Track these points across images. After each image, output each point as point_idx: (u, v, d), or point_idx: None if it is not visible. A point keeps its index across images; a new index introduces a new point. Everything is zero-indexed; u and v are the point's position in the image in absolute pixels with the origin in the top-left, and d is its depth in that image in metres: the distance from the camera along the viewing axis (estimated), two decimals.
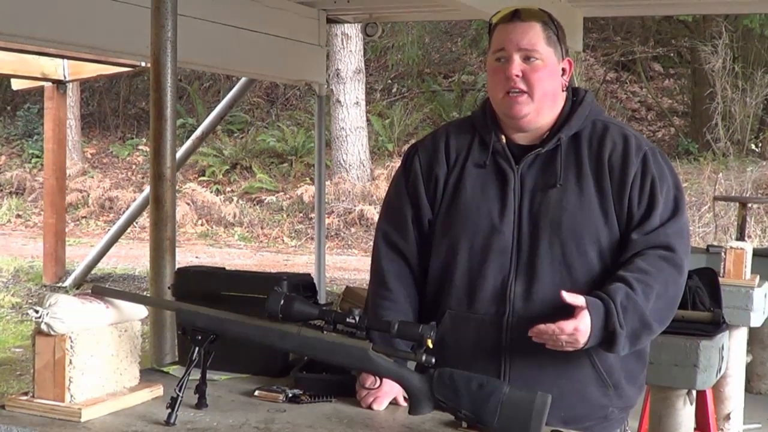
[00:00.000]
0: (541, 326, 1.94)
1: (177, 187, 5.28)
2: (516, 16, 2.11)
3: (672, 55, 16.13)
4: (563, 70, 2.15)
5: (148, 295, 3.93)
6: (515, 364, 2.06)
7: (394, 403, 2.07)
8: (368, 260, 2.34)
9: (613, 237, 2.07)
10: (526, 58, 2.08)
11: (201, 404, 2.01)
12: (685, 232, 2.10)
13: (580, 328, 1.94)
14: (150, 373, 2.31)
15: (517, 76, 2.07)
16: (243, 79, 8.03)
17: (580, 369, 2.06)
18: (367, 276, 2.16)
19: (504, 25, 2.12)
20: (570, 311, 1.96)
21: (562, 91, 2.16)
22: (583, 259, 2.05)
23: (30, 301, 8.89)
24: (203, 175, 15.01)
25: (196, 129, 9.05)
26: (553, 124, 2.14)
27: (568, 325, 1.93)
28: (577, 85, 2.33)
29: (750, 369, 5.09)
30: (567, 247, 2.05)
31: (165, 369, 2.37)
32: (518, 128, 2.15)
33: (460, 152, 2.18)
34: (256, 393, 2.12)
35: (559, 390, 2.02)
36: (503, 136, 2.15)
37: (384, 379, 1.97)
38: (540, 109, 2.11)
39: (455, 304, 2.12)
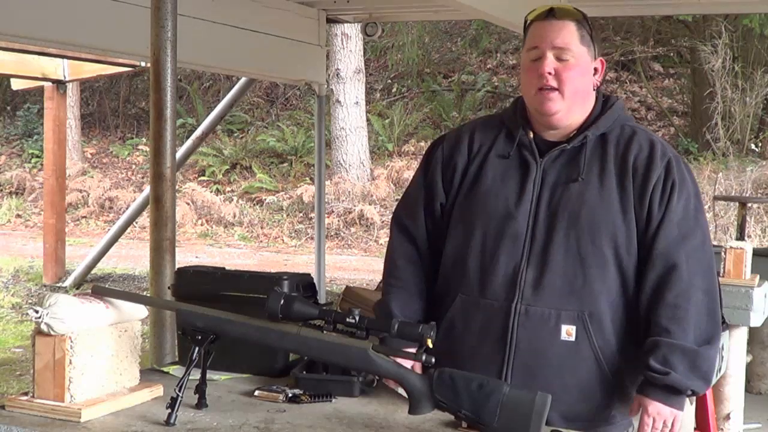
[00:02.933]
0: None
1: (177, 187, 5.28)
2: (551, 14, 2.13)
3: (672, 55, 16.12)
4: (595, 69, 2.19)
5: (148, 295, 3.93)
6: (520, 352, 2.07)
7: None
8: (368, 260, 2.36)
9: (630, 235, 2.08)
10: (559, 57, 2.10)
11: (201, 404, 2.01)
12: (705, 244, 2.13)
13: (652, 413, 2.06)
14: (150, 373, 2.31)
15: (550, 73, 2.10)
16: (243, 79, 8.02)
17: (585, 366, 2.06)
18: (366, 276, 2.18)
19: (539, 23, 2.14)
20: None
21: (593, 90, 2.20)
22: (598, 253, 2.07)
23: (30, 301, 8.89)
24: (203, 175, 15.01)
25: (196, 129, 9.04)
26: (582, 123, 2.17)
27: (646, 424, 2.06)
28: None
29: (750, 369, 5.08)
30: (582, 239, 2.07)
31: (165, 369, 2.37)
32: (548, 125, 2.17)
33: (484, 143, 2.21)
34: (256, 393, 2.13)
35: (562, 383, 2.04)
36: (531, 132, 2.18)
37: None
38: (571, 106, 2.13)
39: (467, 289, 2.14)
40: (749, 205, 9.40)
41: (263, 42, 6.26)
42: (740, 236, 6.55)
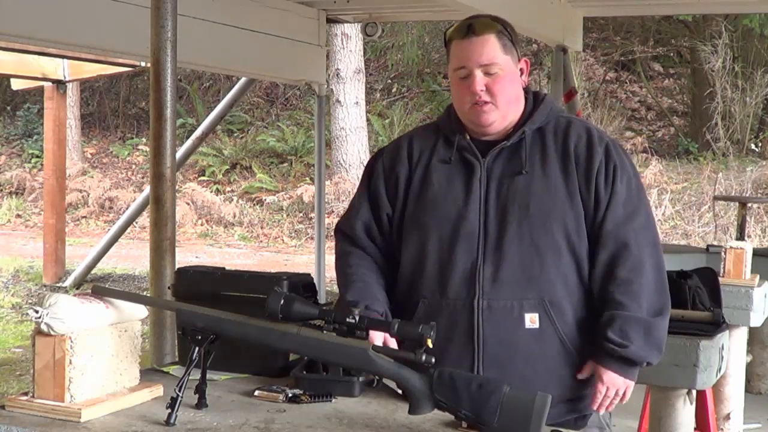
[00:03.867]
0: (596, 405, 2.15)
1: (177, 187, 5.28)
2: (471, 31, 2.18)
3: (672, 54, 16.13)
4: (521, 70, 2.25)
5: (148, 295, 3.93)
6: (488, 345, 2.12)
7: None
8: None
9: (579, 220, 2.16)
10: (487, 72, 2.17)
11: (201, 404, 2.01)
12: (649, 222, 2.22)
13: (606, 382, 2.13)
14: (150, 373, 2.31)
15: (482, 90, 2.17)
16: (243, 79, 8.02)
17: (553, 350, 2.13)
18: None
19: (459, 42, 2.20)
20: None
21: (523, 89, 2.27)
22: (550, 240, 2.14)
23: (30, 301, 8.88)
24: (203, 175, 15.01)
25: (196, 129, 9.05)
26: (516, 122, 2.24)
27: (599, 392, 2.13)
28: (574, 85, 2.41)
29: (750, 369, 5.08)
30: (535, 229, 2.13)
31: (165, 369, 2.37)
32: (484, 133, 2.24)
33: (423, 151, 2.27)
34: (256, 393, 2.13)
35: (533, 370, 2.11)
36: (467, 135, 2.24)
37: None
38: (505, 114, 2.21)
39: (428, 293, 2.19)
40: (749, 205, 9.40)
41: (263, 42, 6.26)
42: (740, 236, 6.56)
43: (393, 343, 2.07)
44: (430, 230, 2.19)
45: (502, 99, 2.18)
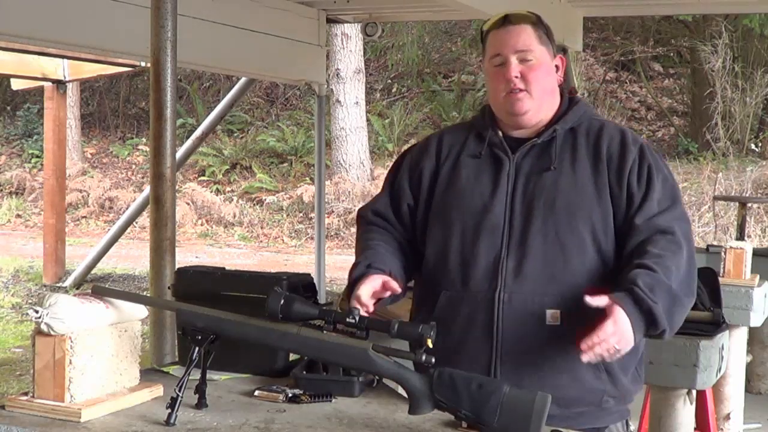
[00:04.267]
0: (588, 341, 1.93)
1: (177, 187, 5.28)
2: (507, 20, 2.21)
3: (672, 54, 16.13)
4: (556, 67, 2.26)
5: (148, 295, 3.93)
6: (507, 339, 2.09)
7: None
8: None
9: (606, 219, 2.12)
10: (523, 60, 2.17)
11: (201, 404, 2.01)
12: (684, 218, 2.15)
13: (617, 323, 1.94)
14: (150, 373, 2.31)
15: (516, 77, 2.17)
16: (243, 79, 8.02)
17: (572, 348, 2.04)
18: None
19: (496, 31, 2.22)
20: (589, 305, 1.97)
21: (558, 87, 2.26)
22: (576, 238, 2.11)
23: (30, 301, 8.89)
24: (203, 175, 15.01)
25: (196, 129, 9.05)
26: (550, 119, 2.23)
27: (607, 327, 1.93)
28: (574, 85, 2.40)
29: (750, 369, 5.08)
30: (560, 225, 2.11)
31: (165, 369, 2.37)
32: (518, 125, 2.23)
33: (453, 146, 2.27)
34: (256, 393, 2.13)
35: (551, 369, 2.06)
36: (500, 131, 2.24)
37: None
38: (540, 105, 2.20)
39: (450, 285, 2.17)
40: (749, 205, 9.40)
41: (263, 42, 6.26)
42: (740, 236, 6.56)
43: (393, 284, 2.06)
44: (455, 222, 2.18)
45: (536, 88, 2.17)
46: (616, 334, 1.94)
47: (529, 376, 1.93)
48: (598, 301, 1.96)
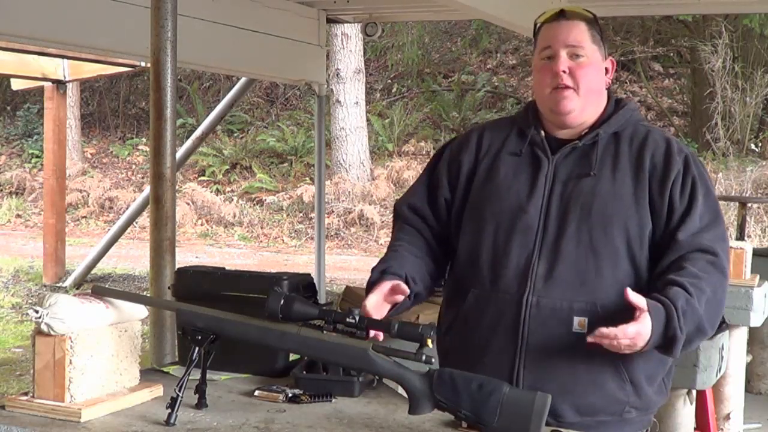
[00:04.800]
0: (603, 330, 1.91)
1: (177, 187, 5.28)
2: (562, 15, 2.16)
3: (672, 54, 16.13)
4: (606, 69, 2.20)
5: (148, 295, 3.93)
6: (531, 343, 2.05)
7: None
8: (368, 260, 2.36)
9: (643, 229, 2.08)
10: (573, 55, 2.13)
11: (201, 404, 2.01)
12: (726, 239, 2.11)
13: (641, 332, 1.92)
14: (150, 373, 2.31)
15: (564, 72, 2.11)
16: (243, 79, 8.02)
17: (598, 358, 2.02)
18: (367, 276, 2.18)
19: (549, 24, 2.18)
20: (627, 313, 1.93)
21: (605, 89, 2.21)
22: (610, 246, 2.06)
23: (30, 301, 8.88)
24: (203, 175, 15.01)
25: (196, 129, 9.04)
26: (594, 122, 2.18)
27: (630, 329, 1.91)
28: None
29: (750, 369, 5.08)
30: (595, 232, 2.07)
31: (165, 369, 2.37)
32: (562, 124, 2.18)
33: (494, 142, 2.23)
34: (256, 393, 2.13)
35: (574, 376, 2.03)
36: (542, 131, 2.20)
37: None
38: (585, 105, 2.15)
39: (479, 283, 2.13)
40: (749, 205, 9.40)
41: (263, 42, 6.26)
42: (740, 236, 6.56)
43: (402, 286, 2.04)
44: (488, 220, 2.15)
45: (584, 86, 2.12)
46: (633, 339, 1.92)
47: (551, 382, 1.91)
48: (637, 300, 1.93)
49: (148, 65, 3.62)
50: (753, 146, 13.48)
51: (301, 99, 16.65)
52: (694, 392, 3.28)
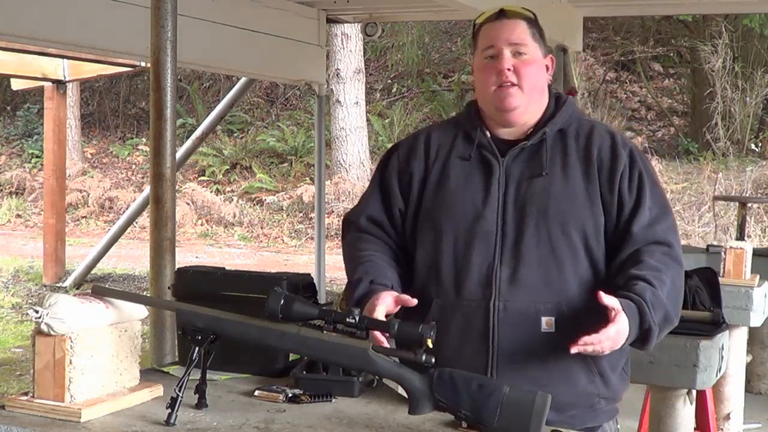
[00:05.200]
0: (587, 338, 1.93)
1: (177, 187, 5.28)
2: (502, 14, 2.19)
3: (672, 54, 16.13)
4: (546, 66, 2.23)
5: (148, 295, 3.93)
6: (503, 348, 2.08)
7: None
8: None
9: (598, 225, 2.12)
10: (516, 53, 2.15)
11: (201, 404, 2.01)
12: (676, 229, 2.17)
13: (620, 331, 1.96)
14: (150, 373, 2.31)
15: (509, 69, 2.14)
16: (243, 79, 8.03)
17: (568, 355, 2.04)
18: None
19: (491, 24, 2.20)
20: (593, 308, 1.97)
21: (547, 87, 2.24)
22: (569, 244, 2.10)
23: (30, 301, 8.89)
24: (203, 175, 15.01)
25: (196, 129, 9.05)
26: (538, 120, 2.20)
27: (610, 331, 1.94)
28: (574, 85, 2.38)
29: (750, 369, 5.09)
30: (553, 231, 2.09)
31: (165, 369, 2.37)
32: (506, 123, 2.20)
33: (442, 146, 2.24)
34: (256, 393, 2.13)
35: (547, 375, 2.05)
36: (488, 132, 2.21)
37: None
38: (530, 102, 2.17)
39: (442, 293, 2.14)
40: (749, 205, 9.40)
41: (263, 42, 6.26)
42: (740, 236, 6.57)
43: (404, 297, 2.04)
44: (446, 229, 2.15)
45: (528, 83, 2.14)
46: (613, 339, 1.96)
47: (526, 383, 1.91)
48: (611, 301, 1.96)
49: (148, 65, 3.62)
50: (753, 146, 13.48)
51: (301, 99, 16.65)
52: (694, 392, 3.28)
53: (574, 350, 1.94)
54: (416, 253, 2.21)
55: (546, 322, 2.06)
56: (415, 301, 2.07)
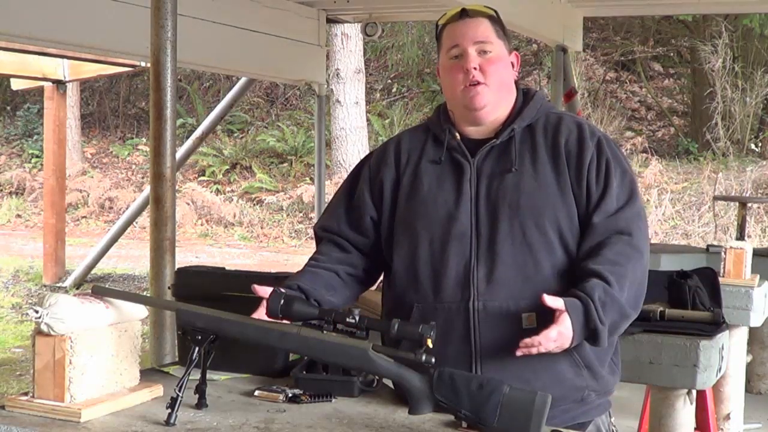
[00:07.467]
0: (527, 340, 1.96)
1: (177, 187, 5.29)
2: (465, 14, 2.20)
3: (672, 54, 16.13)
4: (512, 63, 2.24)
5: (148, 295, 3.93)
6: (486, 348, 2.08)
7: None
8: None
9: (571, 217, 2.12)
10: (481, 52, 2.16)
11: (201, 404, 2.01)
12: (642, 215, 2.15)
13: (562, 332, 1.97)
14: (150, 373, 2.31)
15: (475, 68, 2.14)
16: (243, 79, 8.03)
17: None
18: None
19: (454, 24, 2.20)
20: (544, 304, 1.98)
21: (514, 84, 2.24)
22: (544, 238, 2.10)
23: (30, 301, 8.88)
24: (203, 175, 15.02)
25: (196, 129, 9.05)
26: (506, 117, 2.21)
27: (551, 333, 1.96)
28: (574, 85, 2.38)
29: (750, 369, 5.09)
30: (527, 227, 2.09)
31: (165, 369, 2.37)
32: (476, 121, 2.20)
33: (412, 152, 2.24)
34: (256, 393, 2.13)
35: (533, 372, 2.05)
36: (457, 133, 2.21)
37: None
38: (498, 100, 2.18)
39: (422, 297, 2.15)
40: (749, 205, 9.41)
41: (263, 42, 6.27)
42: (740, 236, 6.57)
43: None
44: (421, 233, 2.16)
45: (495, 80, 2.15)
46: (557, 341, 1.97)
47: (511, 381, 1.92)
48: (555, 303, 1.97)
49: (148, 65, 3.63)
50: (753, 146, 13.48)
51: (301, 99, 16.65)
52: (694, 392, 3.28)
53: (518, 353, 1.96)
54: (393, 260, 2.21)
55: (527, 319, 2.06)
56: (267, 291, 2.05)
